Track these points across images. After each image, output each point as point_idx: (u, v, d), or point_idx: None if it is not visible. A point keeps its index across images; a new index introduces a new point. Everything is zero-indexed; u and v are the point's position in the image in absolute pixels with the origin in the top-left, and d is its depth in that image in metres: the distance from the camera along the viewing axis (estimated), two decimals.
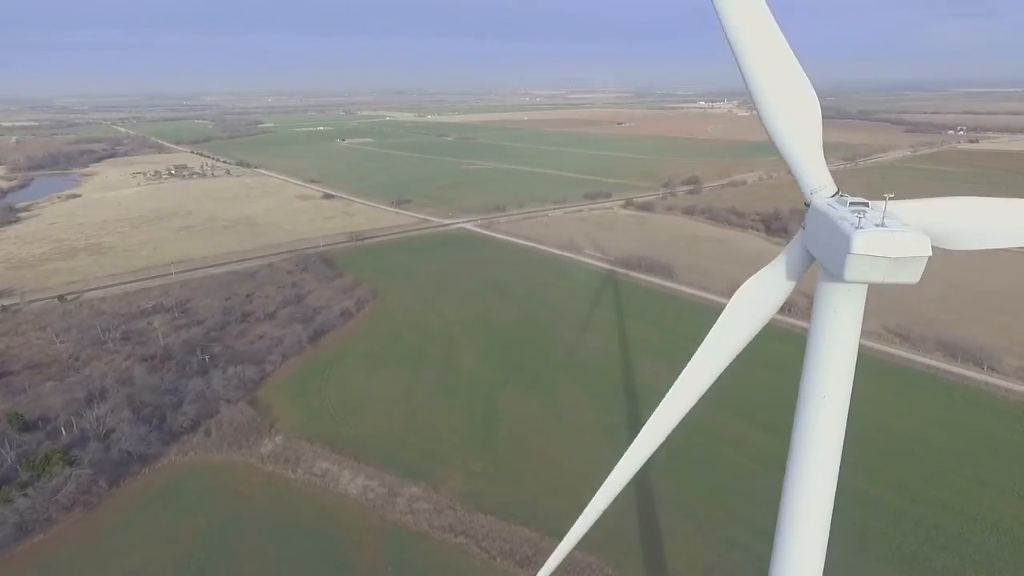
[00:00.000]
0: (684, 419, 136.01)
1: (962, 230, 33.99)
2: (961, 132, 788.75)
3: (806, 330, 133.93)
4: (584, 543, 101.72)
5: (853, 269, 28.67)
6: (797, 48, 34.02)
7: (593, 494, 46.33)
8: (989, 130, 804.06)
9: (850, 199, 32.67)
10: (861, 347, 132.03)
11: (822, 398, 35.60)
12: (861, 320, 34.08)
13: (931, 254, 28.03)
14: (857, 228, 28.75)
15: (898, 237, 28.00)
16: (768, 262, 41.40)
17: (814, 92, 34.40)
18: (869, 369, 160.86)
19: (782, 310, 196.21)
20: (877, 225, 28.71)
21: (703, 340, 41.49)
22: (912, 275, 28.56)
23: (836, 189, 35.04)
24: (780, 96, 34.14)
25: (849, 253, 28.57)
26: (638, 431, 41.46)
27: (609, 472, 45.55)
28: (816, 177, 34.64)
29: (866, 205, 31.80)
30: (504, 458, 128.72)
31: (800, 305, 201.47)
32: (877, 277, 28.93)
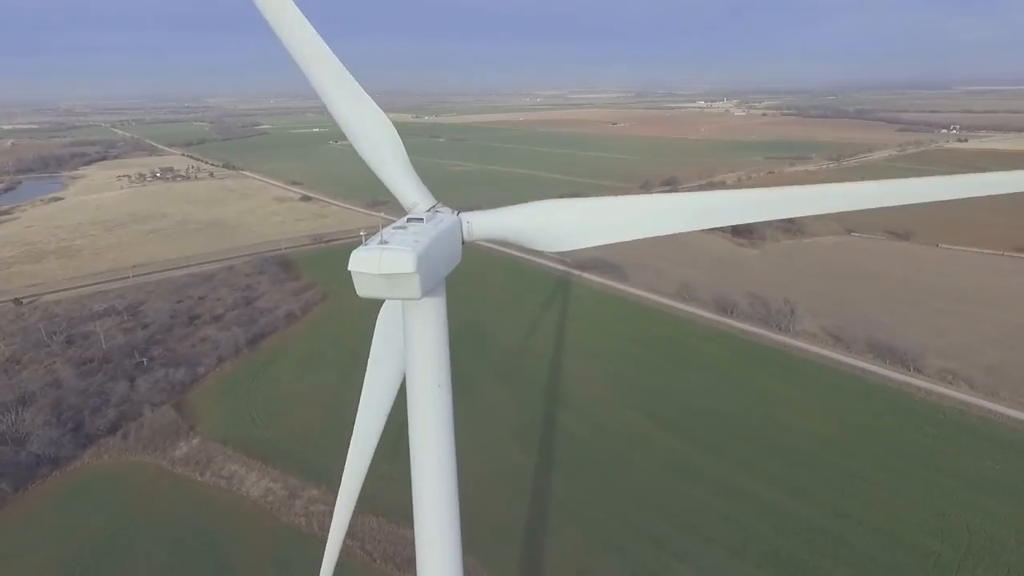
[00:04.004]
0: (590, 418, 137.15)
1: (550, 233, 34.66)
2: (954, 131, 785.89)
3: (744, 332, 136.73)
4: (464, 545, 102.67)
5: (358, 286, 29.20)
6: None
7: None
8: (983, 129, 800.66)
9: (425, 214, 33.37)
10: (791, 350, 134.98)
11: (420, 420, 36.39)
12: (436, 336, 34.66)
13: (414, 270, 28.01)
14: (363, 246, 29.19)
15: (387, 255, 28.07)
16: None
17: (382, 114, 35.25)
18: (795, 371, 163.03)
19: (723, 311, 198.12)
20: (382, 242, 29.08)
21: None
22: (410, 291, 28.78)
23: (432, 204, 35.64)
24: (357, 122, 35.01)
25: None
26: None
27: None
28: (409, 195, 35.32)
29: (421, 220, 32.50)
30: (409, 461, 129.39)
31: (741, 306, 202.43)
32: (380, 293, 29.25)
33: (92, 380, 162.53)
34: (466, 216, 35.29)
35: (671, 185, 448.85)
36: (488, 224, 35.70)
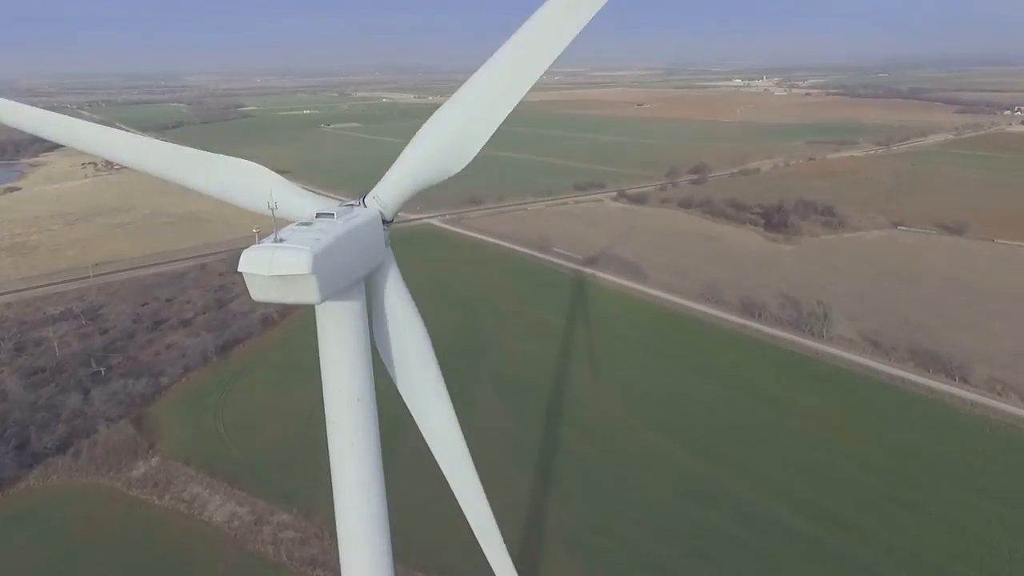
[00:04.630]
0: (597, 435, 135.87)
1: (448, 153, 35.04)
2: (1018, 112, 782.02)
3: (772, 337, 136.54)
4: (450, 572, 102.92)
5: (251, 289, 28.93)
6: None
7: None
8: None
9: (337, 209, 33.32)
10: (823, 357, 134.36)
11: (332, 424, 36.45)
12: (354, 344, 34.61)
13: (309, 271, 27.63)
14: (256, 245, 28.79)
15: (280, 254, 27.99)
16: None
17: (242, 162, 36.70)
18: (827, 381, 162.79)
19: (750, 314, 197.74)
20: (278, 241, 28.77)
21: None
22: (307, 295, 28.38)
23: (356, 201, 35.69)
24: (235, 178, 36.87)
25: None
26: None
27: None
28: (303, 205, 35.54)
29: (331, 215, 32.40)
30: (395, 480, 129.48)
31: (771, 309, 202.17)
32: (275, 297, 28.90)
33: (42, 392, 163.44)
34: (372, 195, 35.25)
35: (700, 173, 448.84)
36: (392, 187, 35.75)
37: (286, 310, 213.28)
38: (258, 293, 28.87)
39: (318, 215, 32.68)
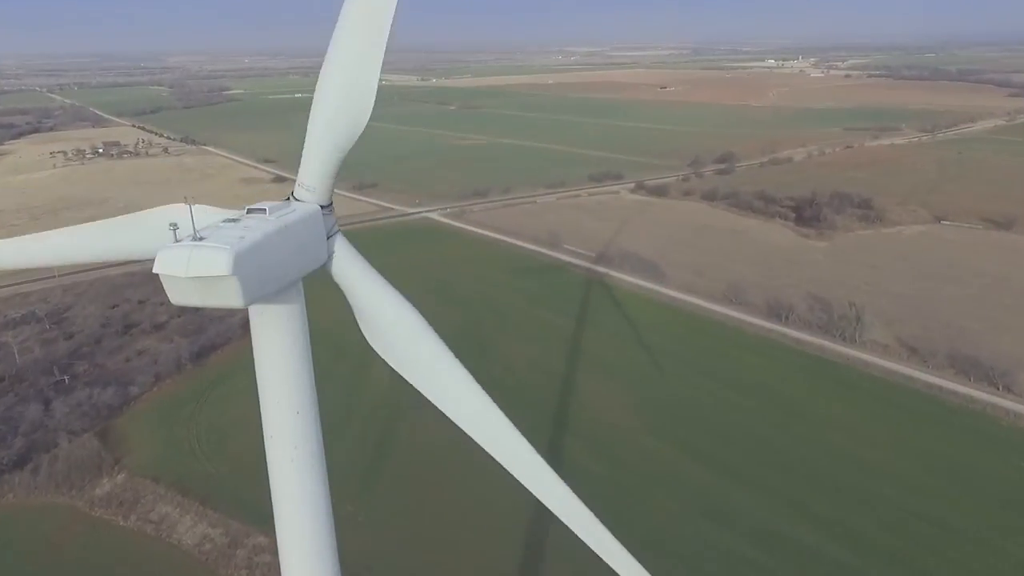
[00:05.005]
0: (605, 448, 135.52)
1: (341, 117, 34.25)
2: None
3: (799, 342, 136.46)
4: None
5: (169, 291, 28.40)
6: None
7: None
8: None
9: (270, 204, 32.83)
10: (855, 363, 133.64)
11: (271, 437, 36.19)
12: (291, 352, 34.36)
13: (229, 272, 27.02)
14: (173, 243, 28.16)
15: (198, 253, 27.26)
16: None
17: None
18: (858, 389, 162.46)
19: (776, 316, 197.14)
20: (197, 239, 28.18)
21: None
22: (229, 298, 27.61)
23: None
24: None
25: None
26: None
27: None
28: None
29: (263, 211, 31.91)
30: (385, 498, 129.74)
31: (799, 311, 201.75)
32: (194, 300, 28.22)
33: None
34: (297, 185, 34.70)
35: (726, 162, 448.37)
36: (313, 168, 34.96)
37: None
38: (177, 297, 28.28)
39: (249, 210, 32.19)
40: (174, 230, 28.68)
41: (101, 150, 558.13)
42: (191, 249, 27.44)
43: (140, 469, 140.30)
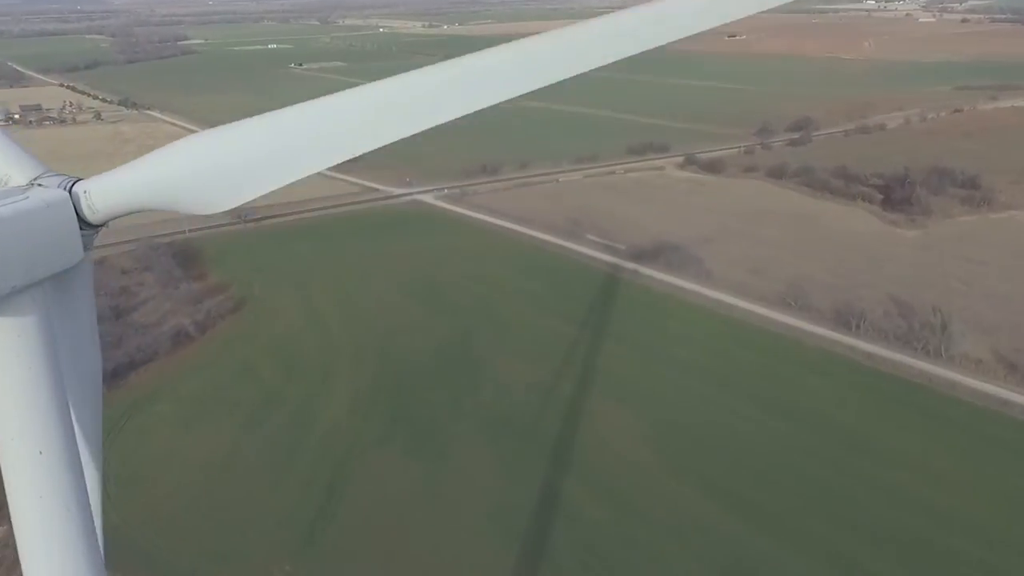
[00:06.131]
0: (615, 493, 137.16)
1: (197, 188, 33.51)
2: None
3: (871, 356, 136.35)
4: None
5: None
6: None
7: None
8: None
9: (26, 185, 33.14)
10: (938, 384, 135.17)
11: None
12: (27, 378, 34.93)
13: None
14: None
15: None
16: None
17: None
18: (939, 418, 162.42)
19: (844, 325, 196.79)
20: None
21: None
22: None
23: (36, 176, 35.32)
24: None
25: None
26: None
27: None
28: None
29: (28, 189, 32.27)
30: (331, 557, 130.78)
31: (874, 318, 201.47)
32: None
33: None
34: (84, 185, 35.04)
35: (802, 130, 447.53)
36: (113, 190, 34.94)
37: (208, 321, 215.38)
38: None
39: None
40: None
41: (17, 116, 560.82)
42: None
43: None
